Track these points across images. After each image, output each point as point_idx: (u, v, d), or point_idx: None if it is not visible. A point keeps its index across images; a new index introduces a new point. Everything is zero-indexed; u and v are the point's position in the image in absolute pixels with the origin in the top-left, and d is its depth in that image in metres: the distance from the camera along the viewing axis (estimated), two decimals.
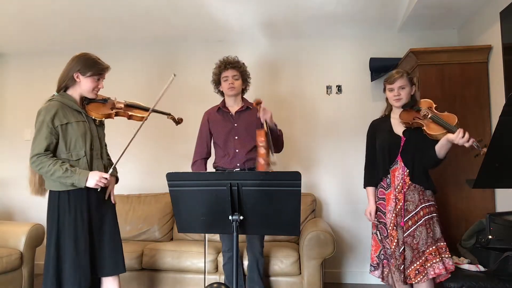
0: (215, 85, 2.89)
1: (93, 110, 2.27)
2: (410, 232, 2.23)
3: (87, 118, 2.25)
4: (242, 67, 2.81)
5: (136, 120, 2.38)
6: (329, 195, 3.84)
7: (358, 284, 3.70)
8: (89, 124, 2.25)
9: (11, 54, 4.35)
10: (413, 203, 2.26)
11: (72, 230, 2.13)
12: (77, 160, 2.18)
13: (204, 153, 2.88)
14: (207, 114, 2.92)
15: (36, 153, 2.11)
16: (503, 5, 2.74)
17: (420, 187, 2.28)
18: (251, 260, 2.80)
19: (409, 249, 2.22)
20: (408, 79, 2.36)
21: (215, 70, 2.84)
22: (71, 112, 2.19)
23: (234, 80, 2.76)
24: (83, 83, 2.22)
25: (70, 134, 2.17)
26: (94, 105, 2.31)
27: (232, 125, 2.78)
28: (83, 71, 2.19)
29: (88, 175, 2.12)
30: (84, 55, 2.24)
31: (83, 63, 2.20)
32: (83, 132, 2.20)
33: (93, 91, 2.26)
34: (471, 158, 2.15)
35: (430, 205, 2.26)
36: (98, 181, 2.13)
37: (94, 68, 2.21)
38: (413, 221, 2.24)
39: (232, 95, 2.79)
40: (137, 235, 3.70)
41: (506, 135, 1.33)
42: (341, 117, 3.85)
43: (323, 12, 3.37)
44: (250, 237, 2.77)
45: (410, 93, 2.37)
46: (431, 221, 2.23)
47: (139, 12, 3.35)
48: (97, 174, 2.15)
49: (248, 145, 2.70)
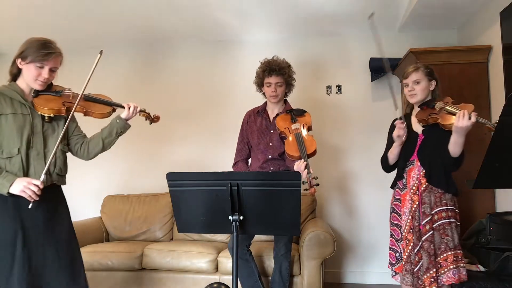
0: (258, 87, 2.78)
1: (39, 104, 1.94)
2: (428, 237, 2.09)
3: (31, 112, 1.94)
4: (287, 73, 2.66)
5: (95, 117, 2.08)
6: (329, 195, 3.84)
7: (358, 284, 3.70)
8: (32, 118, 1.94)
9: (11, 54, 4.33)
10: (429, 205, 2.12)
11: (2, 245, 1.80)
12: (8, 158, 1.86)
13: (245, 154, 2.79)
14: (247, 115, 2.84)
15: None
16: (503, 5, 2.74)
17: (437, 189, 2.13)
18: (276, 262, 2.73)
19: (426, 254, 2.08)
20: (425, 73, 2.20)
21: (259, 71, 2.70)
22: (10, 103, 1.90)
23: (277, 87, 2.63)
24: (25, 71, 1.93)
25: (3, 128, 1.87)
26: (44, 98, 1.98)
27: (268, 131, 2.70)
28: (23, 56, 1.90)
29: (13, 181, 1.79)
30: (34, 38, 1.93)
31: (26, 47, 1.91)
32: (20, 126, 1.89)
33: (36, 81, 1.92)
34: (471, 158, 2.15)
35: (448, 210, 2.10)
36: (26, 187, 1.77)
37: (35, 53, 1.88)
38: (430, 225, 2.11)
39: (274, 103, 2.71)
40: (137, 235, 3.70)
41: (506, 135, 1.33)
42: (341, 117, 3.85)
43: (323, 12, 3.37)
44: (276, 239, 2.70)
45: (427, 88, 2.22)
46: (448, 227, 2.08)
47: (140, 12, 3.35)
48: (25, 180, 1.80)
49: (281, 153, 2.65)
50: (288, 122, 2.56)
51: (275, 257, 2.71)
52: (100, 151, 2.16)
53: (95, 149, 2.15)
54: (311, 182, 2.20)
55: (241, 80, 3.89)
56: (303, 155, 2.31)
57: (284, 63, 2.67)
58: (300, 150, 2.34)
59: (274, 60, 2.67)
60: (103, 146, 2.14)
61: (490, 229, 2.30)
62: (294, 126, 2.49)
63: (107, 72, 4.00)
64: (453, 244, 2.07)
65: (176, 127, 4.06)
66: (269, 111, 2.77)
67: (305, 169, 2.23)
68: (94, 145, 2.14)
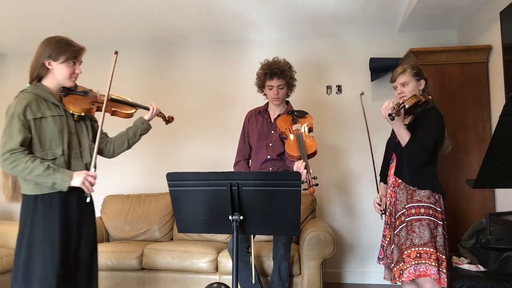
0: (259, 88, 2.76)
1: (70, 103, 1.98)
2: (398, 232, 2.16)
3: (65, 112, 1.99)
4: (289, 75, 2.64)
5: (121, 116, 2.17)
6: (329, 195, 3.84)
7: (358, 284, 3.70)
8: (66, 119, 1.99)
9: (11, 54, 4.35)
10: (401, 202, 2.17)
11: (47, 242, 1.87)
12: (53, 159, 1.90)
13: (247, 154, 2.78)
14: (248, 114, 2.84)
15: (9, 148, 1.80)
16: (503, 5, 2.74)
17: (409, 186, 2.14)
18: (275, 263, 2.72)
19: (396, 248, 2.15)
20: (412, 74, 2.22)
21: (260, 73, 2.67)
22: (46, 105, 1.93)
23: (279, 90, 2.62)
24: (57, 71, 1.94)
25: (45, 130, 1.90)
26: (73, 97, 2.02)
27: (268, 131, 2.70)
28: (54, 56, 1.92)
29: (73, 175, 1.87)
30: (54, 38, 1.96)
31: (53, 47, 1.93)
32: (60, 128, 1.94)
33: (71, 78, 1.98)
34: (471, 158, 2.15)
35: (420, 207, 2.09)
36: (85, 179, 1.87)
37: (68, 51, 1.93)
38: (399, 220, 2.15)
39: (276, 105, 2.71)
40: (137, 235, 3.70)
41: (506, 135, 1.33)
42: (341, 117, 3.85)
43: (323, 12, 3.37)
44: (275, 240, 2.70)
45: (417, 88, 2.22)
46: (417, 223, 2.06)
47: (140, 12, 3.35)
48: (82, 172, 1.89)
49: (280, 153, 2.65)
50: (289, 123, 2.56)
51: (274, 257, 2.70)
52: (124, 150, 2.26)
53: (120, 149, 2.24)
54: (310, 182, 2.21)
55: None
56: (303, 155, 2.31)
57: (286, 65, 2.64)
58: (300, 150, 2.34)
59: (275, 62, 2.64)
60: (128, 146, 2.25)
61: (490, 229, 2.29)
62: (295, 126, 2.50)
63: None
64: (419, 241, 2.04)
65: (178, 128, 4.06)
66: (270, 112, 2.76)
67: (305, 169, 2.24)
68: (120, 144, 2.23)
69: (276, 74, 2.58)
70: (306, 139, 2.41)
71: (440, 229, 2.09)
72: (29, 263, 1.87)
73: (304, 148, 2.34)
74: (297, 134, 2.43)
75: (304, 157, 2.30)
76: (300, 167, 2.25)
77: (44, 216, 1.88)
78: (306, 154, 2.31)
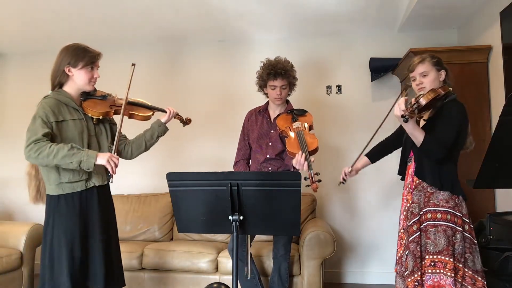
0: (260, 88, 2.74)
1: (89, 107, 2.11)
2: (414, 238, 1.95)
3: (84, 116, 2.10)
4: (292, 75, 2.63)
5: (138, 119, 2.26)
6: (329, 195, 3.84)
7: (358, 284, 3.70)
8: (86, 122, 2.10)
9: (11, 54, 4.36)
10: (418, 205, 1.98)
11: (68, 238, 1.99)
12: None
13: (247, 154, 2.78)
14: (248, 114, 2.83)
15: (33, 140, 1.88)
16: (503, 5, 2.74)
17: (427, 188, 1.97)
18: (275, 263, 2.72)
19: (411, 256, 1.94)
20: (432, 63, 2.01)
21: (262, 73, 2.65)
22: (67, 109, 2.05)
23: (282, 90, 2.61)
24: (77, 76, 2.06)
25: (66, 133, 2.01)
26: (92, 101, 2.14)
27: (268, 131, 2.69)
28: (73, 63, 2.04)
29: (97, 154, 1.93)
30: (72, 45, 2.08)
31: (72, 55, 2.04)
32: (80, 131, 2.05)
33: (90, 83, 2.10)
34: (471, 158, 2.15)
35: (437, 211, 1.91)
36: (110, 158, 1.94)
37: (85, 57, 2.05)
38: (417, 225, 1.96)
39: (278, 104, 2.70)
40: (137, 235, 3.70)
41: (506, 135, 1.33)
42: (341, 117, 3.85)
43: (323, 12, 3.37)
44: (275, 240, 2.69)
45: (437, 79, 2.02)
46: (432, 229, 1.91)
47: (140, 12, 3.35)
48: (107, 153, 1.97)
49: (279, 152, 2.65)
50: (289, 122, 2.55)
51: (274, 257, 2.70)
52: (142, 152, 2.35)
53: (138, 150, 2.33)
54: (313, 178, 2.18)
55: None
56: (304, 152, 2.28)
57: (288, 65, 2.63)
58: (301, 147, 2.31)
59: (278, 61, 2.63)
60: (146, 148, 2.34)
61: (490, 229, 2.30)
62: (296, 124, 2.48)
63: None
64: (434, 249, 1.89)
65: (179, 128, 4.05)
66: (270, 111, 2.76)
67: (305, 161, 2.21)
68: (138, 146, 2.32)
69: (280, 74, 2.57)
70: (307, 136, 2.39)
71: (459, 235, 1.90)
72: (53, 257, 2.00)
73: (305, 144, 2.32)
74: (298, 131, 2.42)
75: (305, 154, 2.28)
76: (300, 160, 2.22)
77: (66, 214, 2.00)
78: (308, 151, 2.29)
